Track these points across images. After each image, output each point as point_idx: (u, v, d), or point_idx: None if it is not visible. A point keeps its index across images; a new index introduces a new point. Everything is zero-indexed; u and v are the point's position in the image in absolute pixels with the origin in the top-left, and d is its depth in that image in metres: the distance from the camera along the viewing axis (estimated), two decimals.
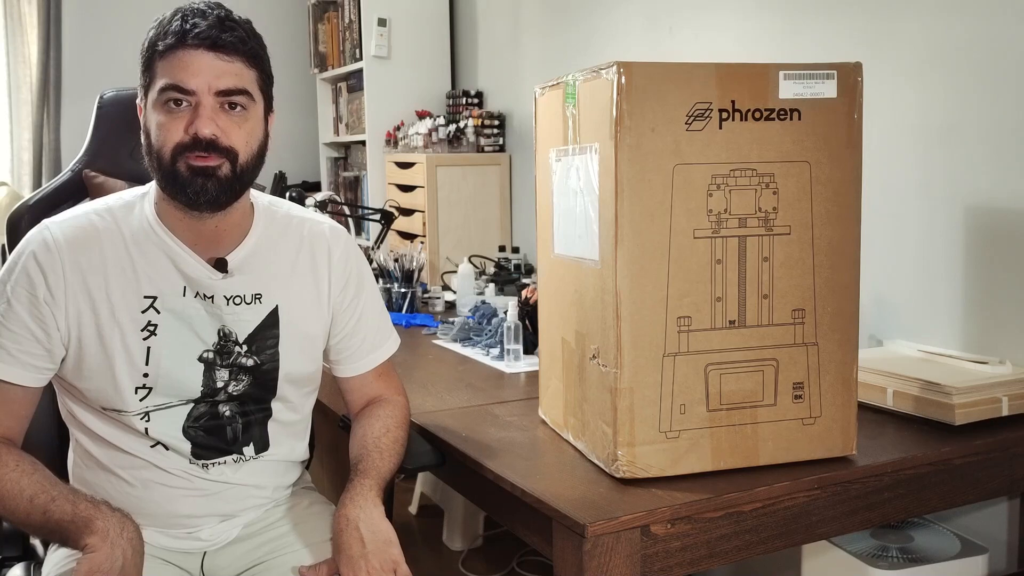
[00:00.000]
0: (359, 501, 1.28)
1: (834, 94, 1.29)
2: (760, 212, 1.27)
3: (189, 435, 1.31)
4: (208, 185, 1.23)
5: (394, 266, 2.59)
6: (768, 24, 2.21)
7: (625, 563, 1.18)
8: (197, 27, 1.21)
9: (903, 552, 1.69)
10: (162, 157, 1.23)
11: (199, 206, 1.25)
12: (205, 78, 1.21)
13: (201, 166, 1.22)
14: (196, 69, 1.21)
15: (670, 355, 1.25)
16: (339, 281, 1.41)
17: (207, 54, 1.21)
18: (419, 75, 3.83)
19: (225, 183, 1.24)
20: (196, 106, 1.21)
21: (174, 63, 1.21)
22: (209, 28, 1.21)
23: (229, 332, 1.32)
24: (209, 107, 1.22)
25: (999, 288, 1.71)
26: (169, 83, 1.21)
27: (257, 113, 1.28)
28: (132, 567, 1.13)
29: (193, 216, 1.28)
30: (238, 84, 1.23)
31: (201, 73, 1.21)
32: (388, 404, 1.47)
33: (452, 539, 2.75)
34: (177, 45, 1.21)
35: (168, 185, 1.25)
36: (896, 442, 1.44)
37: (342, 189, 4.35)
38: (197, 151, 1.22)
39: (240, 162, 1.25)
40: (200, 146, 1.22)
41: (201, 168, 1.22)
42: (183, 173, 1.23)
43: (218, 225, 1.30)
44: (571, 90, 1.35)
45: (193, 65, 1.21)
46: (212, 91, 1.22)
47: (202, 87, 1.21)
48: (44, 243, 1.26)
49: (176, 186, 1.24)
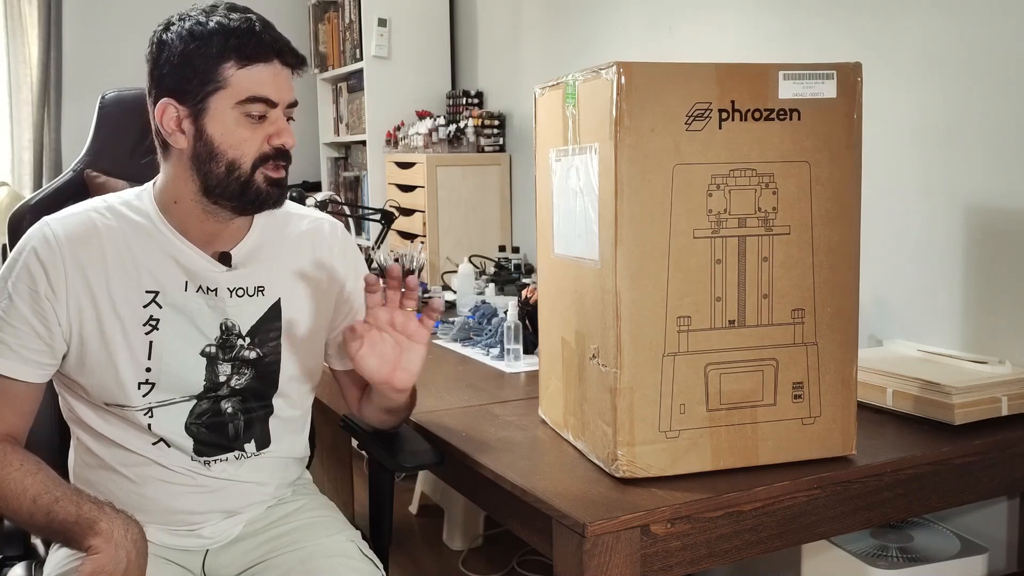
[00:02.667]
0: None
1: (834, 94, 1.29)
2: (760, 212, 1.27)
3: (191, 432, 1.32)
4: (280, 194, 1.31)
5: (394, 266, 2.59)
6: (768, 24, 2.21)
7: (625, 563, 1.18)
8: (285, 43, 1.28)
9: (903, 552, 1.69)
10: (239, 167, 1.26)
11: (256, 211, 1.32)
12: (286, 92, 1.29)
13: (279, 177, 1.29)
14: (281, 83, 1.28)
15: (670, 355, 1.26)
16: (339, 275, 1.44)
17: (285, 69, 1.28)
18: (419, 75, 3.84)
19: (286, 190, 1.33)
20: (276, 119, 1.27)
21: (264, 76, 1.25)
22: (290, 46, 1.28)
23: (232, 325, 1.33)
24: (284, 119, 1.29)
25: (999, 288, 1.71)
26: (256, 95, 1.25)
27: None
28: (136, 568, 1.13)
29: (218, 218, 1.30)
30: (296, 98, 1.31)
31: (284, 87, 1.28)
32: None
33: (452, 539, 2.75)
34: (270, 59, 1.26)
35: (235, 193, 1.27)
36: (896, 442, 1.44)
37: (342, 189, 4.35)
38: (278, 161, 1.28)
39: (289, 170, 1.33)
40: (281, 156, 1.28)
41: (278, 179, 1.29)
42: (260, 183, 1.27)
43: (231, 223, 1.33)
44: (571, 90, 1.35)
45: (278, 80, 1.27)
46: (285, 104, 1.29)
47: (283, 100, 1.28)
48: (45, 239, 1.26)
49: (252, 194, 1.28)
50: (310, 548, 1.35)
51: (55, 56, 4.25)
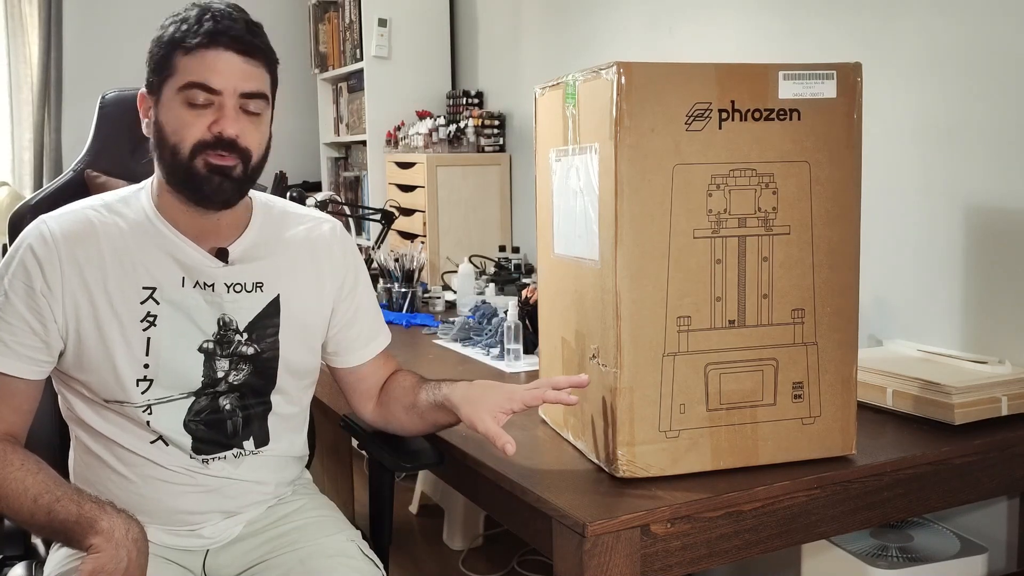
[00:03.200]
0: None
1: (834, 94, 1.29)
2: (760, 212, 1.27)
3: (190, 429, 1.32)
4: (224, 184, 1.27)
5: (394, 266, 2.59)
6: (768, 24, 2.21)
7: (625, 562, 1.18)
8: (231, 30, 1.24)
9: (903, 552, 1.69)
10: (179, 152, 1.25)
11: (210, 203, 1.28)
12: (232, 80, 1.24)
13: (220, 165, 1.26)
14: (224, 70, 1.24)
15: (670, 355, 1.26)
16: (339, 274, 1.44)
17: (236, 57, 1.25)
18: (419, 75, 3.84)
19: (237, 183, 1.28)
20: (221, 106, 1.24)
21: (203, 62, 1.24)
22: (241, 32, 1.25)
23: (229, 320, 1.33)
24: (233, 108, 1.25)
25: (999, 288, 1.71)
26: (195, 81, 1.24)
27: (268, 117, 1.32)
28: (136, 568, 1.13)
29: (198, 211, 1.30)
30: (258, 88, 1.28)
31: (229, 75, 1.24)
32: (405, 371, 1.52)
33: (452, 538, 2.75)
34: (208, 44, 1.24)
35: (181, 181, 1.27)
36: (896, 442, 1.44)
37: (342, 189, 4.35)
38: (219, 150, 1.25)
39: (252, 163, 1.29)
40: (222, 145, 1.25)
41: (219, 167, 1.26)
42: (200, 170, 1.25)
43: (220, 219, 1.33)
44: (571, 90, 1.35)
45: (222, 66, 1.24)
46: (236, 92, 1.25)
47: (227, 88, 1.24)
48: (41, 236, 1.27)
49: (190, 183, 1.27)
50: (310, 548, 1.35)
51: (55, 56, 4.25)
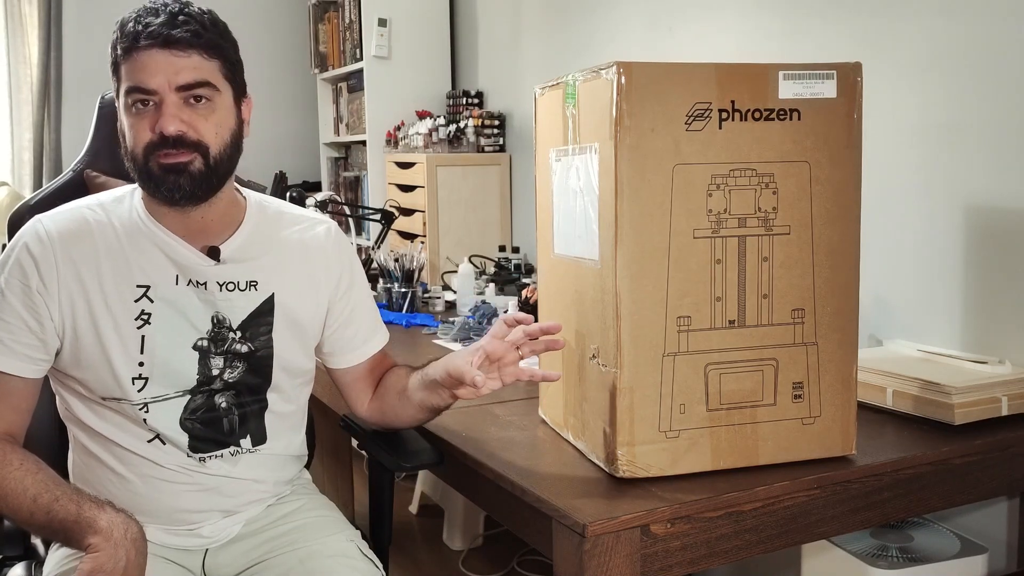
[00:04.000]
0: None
1: (834, 94, 1.29)
2: (760, 212, 1.27)
3: (186, 427, 1.32)
4: (181, 181, 1.25)
5: (394, 266, 2.59)
6: (768, 24, 2.21)
7: (625, 563, 1.18)
8: (149, 26, 1.22)
9: (903, 552, 1.69)
10: (136, 158, 1.26)
11: (176, 202, 1.28)
12: (163, 76, 1.23)
13: (172, 163, 1.25)
14: (153, 68, 1.23)
15: (670, 355, 1.26)
16: (335, 274, 1.44)
17: (161, 52, 1.23)
18: (419, 75, 3.84)
19: (199, 177, 1.26)
20: (159, 105, 1.23)
21: (134, 65, 1.23)
22: (160, 26, 1.22)
23: (223, 318, 1.33)
24: (172, 104, 1.24)
25: (999, 288, 1.71)
26: (131, 85, 1.24)
27: (225, 102, 1.29)
28: (135, 568, 1.13)
29: (175, 210, 1.30)
30: (197, 77, 1.25)
31: (158, 71, 1.23)
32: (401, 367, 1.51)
33: (452, 539, 2.75)
34: (131, 47, 1.23)
35: (145, 184, 1.29)
36: (896, 442, 1.44)
37: (342, 189, 4.35)
38: (165, 149, 1.24)
39: (213, 154, 1.27)
40: (168, 144, 1.24)
41: (172, 165, 1.25)
42: (156, 172, 1.25)
43: (204, 216, 1.33)
44: (571, 90, 1.35)
45: (150, 65, 1.23)
46: (172, 87, 1.23)
47: (162, 85, 1.23)
48: (37, 235, 1.28)
49: (152, 184, 1.27)
50: (310, 548, 1.35)
51: (55, 56, 4.25)
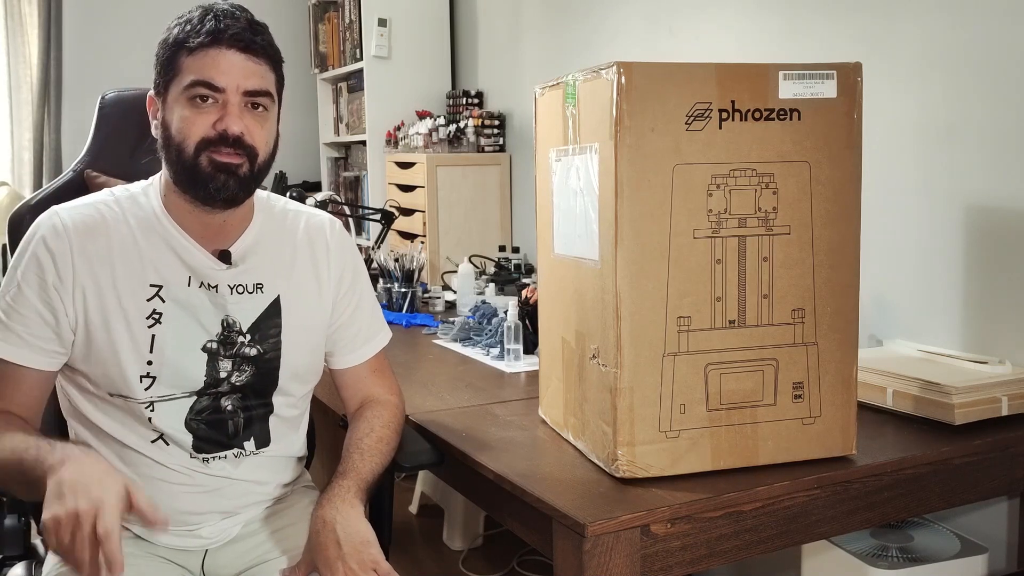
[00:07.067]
0: (336, 502, 1.28)
1: (834, 94, 1.29)
2: (760, 212, 1.27)
3: (191, 427, 1.32)
4: (230, 182, 1.27)
5: (394, 266, 2.59)
6: (768, 24, 2.21)
7: (625, 563, 1.18)
8: (232, 28, 1.25)
9: (903, 552, 1.69)
10: (184, 150, 1.26)
11: (216, 202, 1.28)
12: (235, 77, 1.25)
13: (225, 162, 1.26)
14: (227, 68, 1.25)
15: (670, 355, 1.26)
16: (337, 271, 1.44)
17: (239, 55, 1.25)
18: (419, 75, 3.84)
19: (244, 181, 1.28)
20: (224, 104, 1.25)
21: (206, 60, 1.24)
22: (243, 30, 1.26)
23: (233, 322, 1.33)
24: (237, 105, 1.26)
25: (999, 288, 1.71)
26: (199, 79, 1.24)
27: (274, 115, 1.33)
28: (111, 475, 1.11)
29: (204, 210, 1.30)
30: (263, 86, 1.28)
31: (232, 72, 1.25)
32: (377, 405, 1.47)
33: (452, 539, 2.74)
34: (211, 44, 1.24)
35: (186, 179, 1.28)
36: (896, 442, 1.44)
37: (342, 189, 4.35)
38: (223, 147, 1.25)
39: (259, 161, 1.29)
40: (227, 142, 1.25)
41: (225, 164, 1.26)
42: (205, 168, 1.26)
43: (226, 220, 1.33)
44: (571, 90, 1.35)
45: (224, 64, 1.25)
46: (240, 91, 1.26)
47: (231, 86, 1.25)
48: (54, 228, 1.28)
49: (196, 180, 1.27)
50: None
51: (55, 56, 4.25)
